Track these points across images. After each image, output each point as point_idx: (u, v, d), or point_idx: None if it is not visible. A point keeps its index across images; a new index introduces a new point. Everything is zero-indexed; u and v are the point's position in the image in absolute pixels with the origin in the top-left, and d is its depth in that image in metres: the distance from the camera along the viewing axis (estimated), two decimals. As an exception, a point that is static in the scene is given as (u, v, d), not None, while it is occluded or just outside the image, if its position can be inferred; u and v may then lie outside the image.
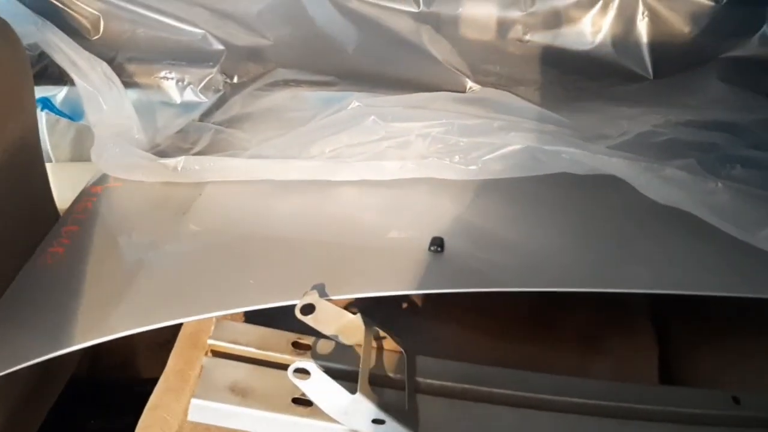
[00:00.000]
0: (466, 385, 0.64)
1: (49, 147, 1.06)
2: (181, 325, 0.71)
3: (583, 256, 0.66)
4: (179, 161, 0.75)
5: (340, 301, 0.63)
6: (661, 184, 0.63)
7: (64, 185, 0.89)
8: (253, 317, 0.70)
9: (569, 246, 0.67)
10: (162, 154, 0.78)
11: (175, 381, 0.68)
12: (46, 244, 0.76)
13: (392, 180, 0.74)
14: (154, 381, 0.68)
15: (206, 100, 0.89)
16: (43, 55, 0.87)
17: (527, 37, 0.88)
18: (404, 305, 0.80)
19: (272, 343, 0.64)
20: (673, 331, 0.83)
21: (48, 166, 0.87)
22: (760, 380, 0.72)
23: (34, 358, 0.63)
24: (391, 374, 0.63)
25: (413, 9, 0.85)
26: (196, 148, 0.80)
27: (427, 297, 0.80)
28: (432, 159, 0.70)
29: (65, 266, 0.72)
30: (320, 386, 0.55)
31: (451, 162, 0.70)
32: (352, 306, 0.65)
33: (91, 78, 0.82)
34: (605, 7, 0.85)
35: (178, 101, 0.90)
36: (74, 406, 1.18)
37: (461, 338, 0.77)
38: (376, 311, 0.66)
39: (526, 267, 0.66)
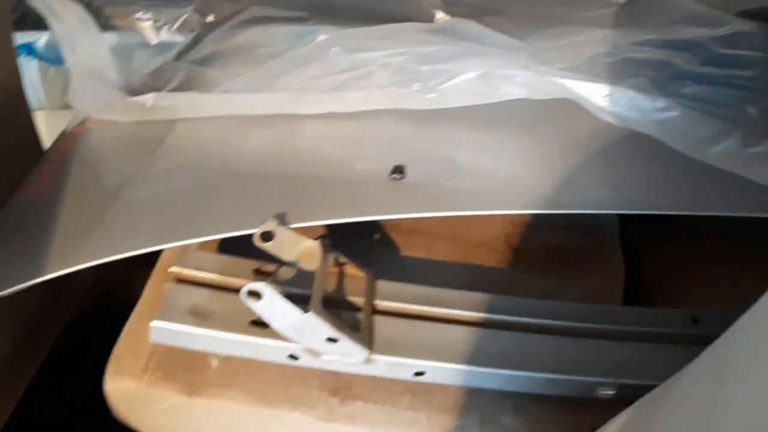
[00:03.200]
0: (424, 307, 0.66)
1: (42, 95, 1.08)
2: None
3: (544, 179, 0.66)
4: (149, 98, 0.77)
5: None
6: (613, 104, 0.62)
7: (57, 133, 0.91)
8: (227, 250, 0.73)
9: (531, 171, 0.67)
10: (136, 93, 0.80)
11: (147, 309, 0.70)
12: (28, 180, 0.79)
13: (356, 112, 0.75)
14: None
15: (181, 40, 0.90)
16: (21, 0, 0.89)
17: (498, -33, 0.87)
18: (376, 236, 0.82)
19: (235, 270, 0.66)
20: (645, 254, 0.84)
21: (41, 113, 0.89)
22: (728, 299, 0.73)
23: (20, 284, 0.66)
24: (349, 297, 0.65)
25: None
26: (169, 87, 0.80)
27: (396, 229, 0.82)
28: (393, 88, 0.71)
29: (45, 201, 0.75)
30: (273, 306, 0.57)
31: (410, 91, 0.70)
32: (325, 238, 0.66)
33: (65, 20, 0.83)
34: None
35: (154, 42, 0.91)
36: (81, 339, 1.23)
37: (430, 265, 0.79)
38: (349, 244, 0.67)
39: (488, 191, 0.67)
